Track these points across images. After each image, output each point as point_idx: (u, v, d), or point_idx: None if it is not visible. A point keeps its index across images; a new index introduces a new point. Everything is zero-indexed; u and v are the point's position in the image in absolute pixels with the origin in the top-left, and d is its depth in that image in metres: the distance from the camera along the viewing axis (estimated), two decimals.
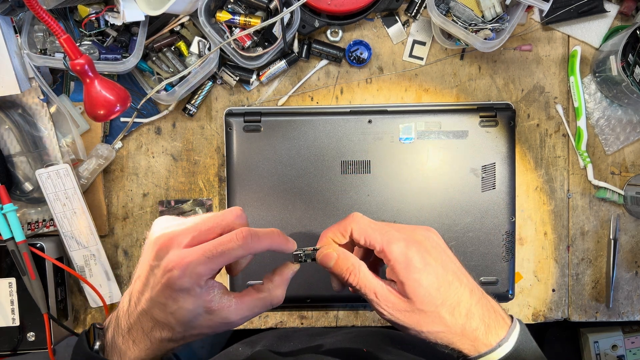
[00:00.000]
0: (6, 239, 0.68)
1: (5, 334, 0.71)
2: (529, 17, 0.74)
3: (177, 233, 0.45)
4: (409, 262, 0.46)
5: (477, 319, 0.47)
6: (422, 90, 0.75)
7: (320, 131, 0.71)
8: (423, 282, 0.46)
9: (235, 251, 0.44)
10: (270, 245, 0.47)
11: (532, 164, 0.76)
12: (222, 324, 0.46)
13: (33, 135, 0.72)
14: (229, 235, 0.45)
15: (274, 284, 0.49)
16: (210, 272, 0.44)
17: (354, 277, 0.48)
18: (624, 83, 0.67)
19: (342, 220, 0.51)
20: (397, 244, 0.47)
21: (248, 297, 0.47)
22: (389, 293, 0.48)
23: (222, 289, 0.46)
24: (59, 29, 0.57)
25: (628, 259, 0.76)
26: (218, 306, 0.45)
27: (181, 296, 0.44)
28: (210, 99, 0.76)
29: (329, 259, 0.50)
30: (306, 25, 0.72)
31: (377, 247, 0.48)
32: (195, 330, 0.46)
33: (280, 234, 0.48)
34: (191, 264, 0.43)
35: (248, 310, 0.47)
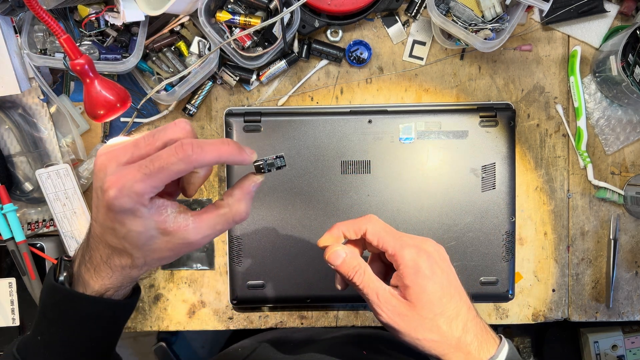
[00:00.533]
0: (6, 239, 0.68)
1: (5, 333, 0.71)
2: (529, 17, 0.74)
3: (117, 151, 0.41)
4: (418, 268, 0.48)
5: (472, 335, 0.49)
6: (422, 90, 0.75)
7: (320, 131, 0.71)
8: (428, 289, 0.48)
9: (175, 165, 0.39)
10: (218, 156, 0.41)
11: (532, 164, 0.76)
12: (182, 244, 0.43)
13: (33, 135, 0.72)
14: (169, 148, 0.40)
15: (235, 197, 0.44)
16: (150, 190, 0.40)
17: (359, 277, 0.49)
18: (624, 83, 0.67)
19: (358, 218, 0.51)
20: (409, 249, 0.49)
21: (207, 214, 0.43)
22: (391, 296, 0.49)
23: (176, 207, 0.43)
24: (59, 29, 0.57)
25: (628, 259, 0.76)
26: (174, 227, 0.42)
27: (126, 218, 0.41)
28: (210, 99, 0.76)
29: (337, 257, 0.51)
30: (306, 25, 0.72)
31: (390, 250, 0.49)
32: (155, 254, 0.43)
33: (230, 143, 0.42)
34: (127, 182, 0.39)
35: (209, 229, 0.43)
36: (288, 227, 0.71)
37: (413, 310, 0.48)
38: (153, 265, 0.46)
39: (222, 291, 0.77)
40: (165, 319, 0.77)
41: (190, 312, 0.77)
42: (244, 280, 0.72)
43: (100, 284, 0.46)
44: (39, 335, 0.49)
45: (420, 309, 0.48)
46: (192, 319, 0.77)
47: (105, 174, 0.41)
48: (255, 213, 0.71)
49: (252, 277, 0.72)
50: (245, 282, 0.72)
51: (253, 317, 0.77)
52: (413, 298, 0.48)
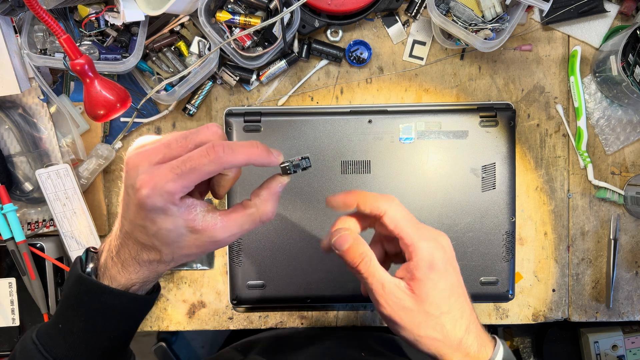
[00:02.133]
0: (6, 239, 0.68)
1: (5, 334, 0.71)
2: (529, 17, 0.74)
3: (149, 151, 0.43)
4: (433, 262, 0.47)
5: (473, 337, 0.48)
6: (422, 90, 0.75)
7: (320, 131, 0.71)
8: (439, 285, 0.46)
9: (206, 166, 0.41)
10: (248, 158, 0.43)
11: (532, 164, 0.76)
12: (210, 242, 0.44)
13: (33, 135, 0.72)
14: (200, 149, 0.42)
15: (262, 198, 0.46)
16: (182, 189, 0.41)
17: (365, 265, 0.48)
18: (624, 83, 0.67)
19: (380, 196, 0.49)
20: (427, 242, 0.47)
21: (235, 213, 0.45)
22: (397, 288, 0.47)
23: (205, 207, 0.44)
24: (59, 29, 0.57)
25: (628, 259, 0.76)
26: (202, 225, 0.43)
27: (157, 217, 0.42)
28: (210, 99, 0.76)
29: (344, 242, 0.49)
30: (306, 25, 0.72)
31: (407, 240, 0.47)
32: (183, 250, 0.44)
33: (259, 145, 0.44)
34: (160, 181, 0.40)
35: (236, 227, 0.44)
36: (288, 227, 0.71)
37: (420, 305, 0.46)
38: (180, 261, 0.47)
39: (222, 291, 0.77)
40: (165, 319, 0.77)
41: (190, 312, 0.77)
42: (244, 280, 0.72)
43: (127, 278, 0.47)
44: (60, 323, 0.49)
45: (428, 305, 0.46)
46: (192, 319, 0.77)
47: (137, 172, 0.42)
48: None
49: (252, 277, 0.72)
50: (245, 282, 0.72)
51: (253, 317, 0.77)
52: (422, 293, 0.46)
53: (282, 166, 0.46)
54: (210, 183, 0.48)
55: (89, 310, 0.48)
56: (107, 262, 0.48)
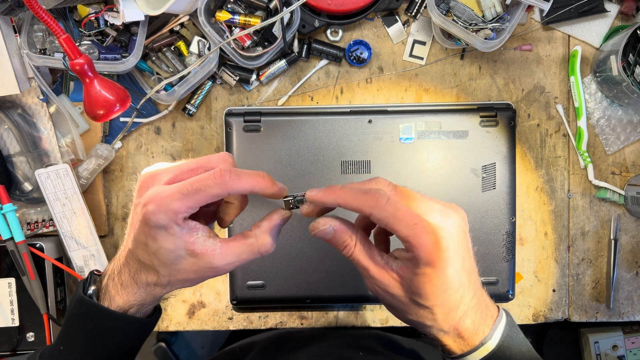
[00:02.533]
0: (6, 239, 0.68)
1: (4, 334, 0.71)
2: (529, 16, 0.74)
3: (160, 171, 0.45)
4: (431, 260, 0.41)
5: (469, 320, 0.45)
6: (422, 90, 0.75)
7: (320, 131, 0.71)
8: (434, 282, 0.42)
9: (212, 189, 0.42)
10: (252, 186, 0.44)
11: (532, 164, 0.76)
12: (207, 268, 0.44)
13: (33, 135, 0.72)
14: (208, 172, 0.43)
15: (262, 229, 0.46)
16: (186, 209, 0.42)
17: (348, 251, 0.46)
18: (624, 83, 0.67)
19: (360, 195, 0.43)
20: (426, 237, 0.41)
21: (234, 242, 0.45)
22: (383, 275, 0.44)
23: (207, 232, 0.45)
24: (58, 28, 0.57)
25: (628, 259, 0.76)
26: (202, 249, 0.44)
27: (159, 234, 0.43)
28: (210, 99, 0.76)
29: (324, 234, 0.46)
30: (306, 25, 0.71)
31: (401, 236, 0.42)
32: (180, 274, 0.45)
33: (266, 176, 0.45)
34: (166, 199, 0.42)
35: (234, 256, 0.45)
36: (288, 227, 0.71)
37: (409, 296, 0.44)
38: (176, 286, 0.47)
39: (221, 291, 0.76)
40: (165, 319, 0.77)
41: (190, 313, 0.77)
42: (244, 280, 0.72)
43: (125, 300, 0.47)
44: (61, 345, 0.50)
45: (417, 297, 0.43)
46: (192, 319, 0.77)
47: (146, 190, 0.44)
48: (254, 213, 0.71)
49: (252, 277, 0.72)
50: (245, 282, 0.72)
51: (253, 318, 0.77)
52: (414, 286, 0.43)
53: (285, 200, 0.47)
54: (217, 212, 0.49)
55: (88, 332, 0.48)
56: (109, 284, 0.48)
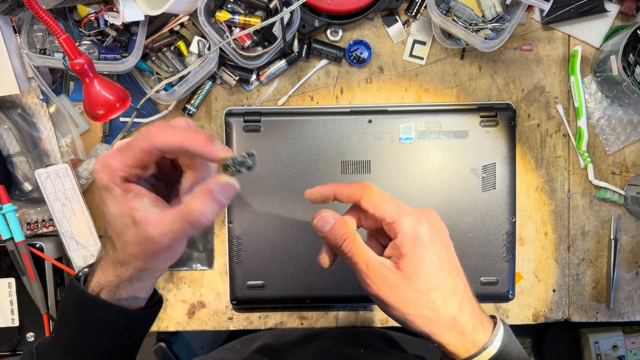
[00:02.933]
0: (5, 239, 0.68)
1: (4, 334, 0.71)
2: (529, 16, 0.74)
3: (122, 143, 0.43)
4: (417, 236, 0.44)
5: (467, 315, 0.45)
6: (422, 90, 0.75)
7: (320, 131, 0.71)
8: (426, 259, 0.44)
9: (139, 142, 0.40)
10: (179, 141, 0.40)
11: (532, 164, 0.75)
12: (145, 239, 0.41)
13: (32, 135, 0.72)
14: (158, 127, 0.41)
15: (192, 193, 0.40)
16: (122, 167, 0.40)
17: (348, 244, 0.46)
18: (624, 83, 0.67)
19: (353, 184, 0.47)
20: (409, 217, 0.45)
21: (170, 210, 0.41)
22: (382, 266, 0.45)
23: (153, 200, 0.42)
24: (58, 28, 0.57)
25: (628, 259, 0.76)
26: (141, 217, 0.40)
27: (106, 197, 0.41)
28: (209, 99, 0.76)
29: (325, 223, 0.47)
30: (306, 24, 0.71)
31: (388, 218, 0.45)
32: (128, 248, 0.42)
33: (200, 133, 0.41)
34: (105, 157, 0.41)
35: (167, 225, 0.40)
36: (288, 227, 0.71)
37: (407, 282, 0.44)
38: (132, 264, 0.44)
39: (221, 291, 0.76)
40: (164, 319, 0.77)
41: (190, 313, 0.77)
42: (244, 280, 0.72)
43: (96, 281, 0.46)
44: (54, 333, 0.48)
45: (415, 281, 0.44)
46: (192, 319, 0.77)
47: None
48: (255, 213, 0.71)
49: (252, 277, 0.72)
50: (245, 282, 0.72)
51: (253, 318, 0.77)
52: (408, 268, 0.44)
53: (222, 164, 0.41)
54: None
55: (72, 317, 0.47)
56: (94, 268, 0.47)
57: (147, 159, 0.41)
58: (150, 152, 0.40)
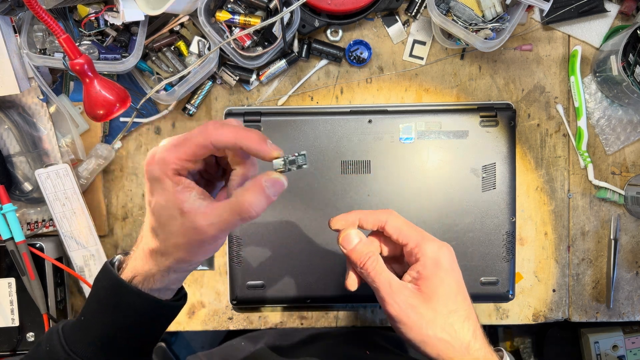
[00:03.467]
0: (5, 239, 0.68)
1: (4, 334, 0.71)
2: (529, 16, 0.74)
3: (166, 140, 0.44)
4: (438, 260, 0.47)
5: (480, 342, 0.47)
6: (422, 90, 0.75)
7: (320, 131, 0.71)
8: (446, 282, 0.47)
9: (196, 137, 0.41)
10: (235, 138, 0.41)
11: (532, 164, 0.75)
12: (192, 229, 0.42)
13: (32, 135, 0.72)
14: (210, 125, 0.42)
15: (244, 187, 0.42)
16: (175, 160, 0.42)
17: (372, 263, 0.48)
18: (624, 83, 0.67)
19: (377, 210, 0.51)
20: (431, 243, 0.48)
21: (218, 202, 0.42)
22: (404, 287, 0.47)
23: (201, 193, 0.43)
24: (58, 28, 0.57)
25: (628, 259, 0.76)
26: (189, 208, 0.41)
27: (155, 188, 0.42)
28: (210, 99, 0.76)
29: (350, 240, 0.50)
30: (306, 24, 0.71)
31: (412, 243, 0.48)
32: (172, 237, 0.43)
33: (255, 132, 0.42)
34: (158, 151, 0.42)
35: (216, 216, 0.41)
36: (288, 227, 0.71)
37: (427, 303, 0.46)
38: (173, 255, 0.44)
39: (221, 291, 0.76)
40: None
41: (190, 312, 0.77)
42: (244, 280, 0.72)
43: (131, 267, 0.46)
44: (82, 315, 0.48)
45: (435, 302, 0.46)
46: (192, 319, 0.77)
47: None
48: None
49: (252, 277, 0.72)
50: (245, 282, 0.72)
51: (253, 318, 0.77)
52: (429, 290, 0.46)
53: (274, 161, 0.44)
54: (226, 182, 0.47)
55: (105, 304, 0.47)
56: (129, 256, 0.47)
57: (202, 154, 0.42)
58: (206, 146, 0.42)
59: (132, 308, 0.46)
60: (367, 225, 0.50)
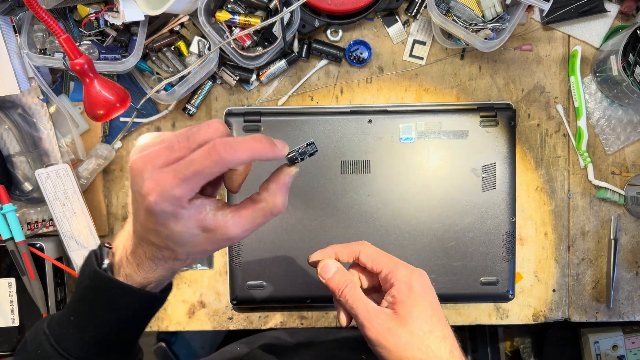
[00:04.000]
0: (6, 239, 0.68)
1: (4, 334, 0.71)
2: (529, 16, 0.74)
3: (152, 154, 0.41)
4: (411, 284, 0.49)
5: None
6: (422, 90, 0.75)
7: (320, 131, 0.71)
8: (419, 304, 0.49)
9: (210, 168, 0.40)
10: (252, 154, 0.41)
11: (532, 164, 0.76)
12: (224, 239, 0.44)
13: (33, 135, 0.72)
14: (202, 150, 0.40)
15: (270, 191, 0.46)
16: (188, 193, 0.40)
17: (350, 290, 0.50)
18: (624, 83, 0.67)
19: (350, 243, 0.54)
20: (403, 268, 0.50)
21: (245, 209, 0.44)
22: (381, 311, 0.49)
23: (214, 205, 0.43)
24: (58, 28, 0.57)
25: (628, 259, 0.76)
26: (214, 224, 0.42)
27: (168, 221, 0.42)
28: (210, 99, 0.76)
29: (329, 270, 0.52)
30: (306, 24, 0.71)
31: (385, 269, 0.50)
32: (198, 248, 0.44)
33: (262, 139, 0.42)
34: (165, 187, 0.40)
35: (248, 223, 0.44)
36: (288, 227, 0.71)
37: (403, 325, 0.48)
38: (197, 258, 0.47)
39: (222, 291, 0.76)
40: (164, 319, 0.77)
41: (190, 312, 0.77)
42: (244, 280, 0.72)
43: (144, 277, 0.46)
44: (72, 315, 0.48)
45: (410, 324, 0.48)
46: (192, 319, 0.77)
47: (142, 178, 0.41)
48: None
49: (252, 277, 0.72)
50: (245, 282, 0.72)
51: (253, 318, 0.77)
52: (404, 312, 0.48)
53: (288, 157, 0.46)
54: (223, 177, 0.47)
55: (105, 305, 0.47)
56: (122, 261, 0.47)
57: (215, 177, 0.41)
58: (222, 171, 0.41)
59: (136, 309, 0.48)
60: (343, 257, 0.53)
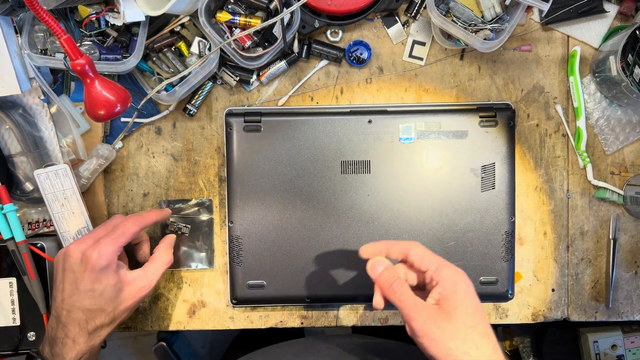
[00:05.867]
0: (6, 239, 0.68)
1: (6, 333, 0.71)
2: (528, 17, 0.74)
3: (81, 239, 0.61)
4: (456, 283, 0.53)
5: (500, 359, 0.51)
6: (422, 90, 0.75)
7: (320, 131, 0.71)
8: (464, 302, 0.52)
9: (131, 228, 0.62)
10: (155, 217, 0.67)
11: (531, 164, 0.76)
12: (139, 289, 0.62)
13: (33, 135, 0.72)
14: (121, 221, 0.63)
15: (160, 251, 0.68)
16: (118, 250, 0.60)
17: (398, 285, 0.54)
18: (623, 83, 0.67)
19: (402, 241, 0.61)
20: (449, 268, 0.54)
21: (150, 264, 0.65)
22: (426, 305, 0.53)
23: (126, 266, 0.64)
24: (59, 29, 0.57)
25: (628, 259, 0.76)
26: (131, 278, 0.62)
27: (103, 275, 0.59)
28: (210, 99, 0.76)
29: (378, 266, 0.56)
30: (306, 25, 0.72)
31: (432, 268, 0.54)
32: (122, 304, 0.61)
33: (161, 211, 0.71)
34: (102, 246, 0.59)
35: (153, 274, 0.65)
36: (288, 227, 0.71)
37: (448, 319, 0.51)
38: (120, 318, 0.62)
39: (222, 291, 0.77)
40: (165, 318, 0.77)
41: (190, 312, 0.77)
42: (244, 280, 0.72)
43: (77, 351, 0.57)
44: None
45: (455, 319, 0.51)
46: (192, 319, 0.77)
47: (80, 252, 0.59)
48: (255, 213, 0.71)
49: (252, 277, 0.72)
50: (245, 282, 0.72)
51: (253, 317, 0.77)
52: (450, 308, 0.51)
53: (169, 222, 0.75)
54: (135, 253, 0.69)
55: None
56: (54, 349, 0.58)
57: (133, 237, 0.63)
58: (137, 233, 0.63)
59: None
60: (393, 253, 0.57)
